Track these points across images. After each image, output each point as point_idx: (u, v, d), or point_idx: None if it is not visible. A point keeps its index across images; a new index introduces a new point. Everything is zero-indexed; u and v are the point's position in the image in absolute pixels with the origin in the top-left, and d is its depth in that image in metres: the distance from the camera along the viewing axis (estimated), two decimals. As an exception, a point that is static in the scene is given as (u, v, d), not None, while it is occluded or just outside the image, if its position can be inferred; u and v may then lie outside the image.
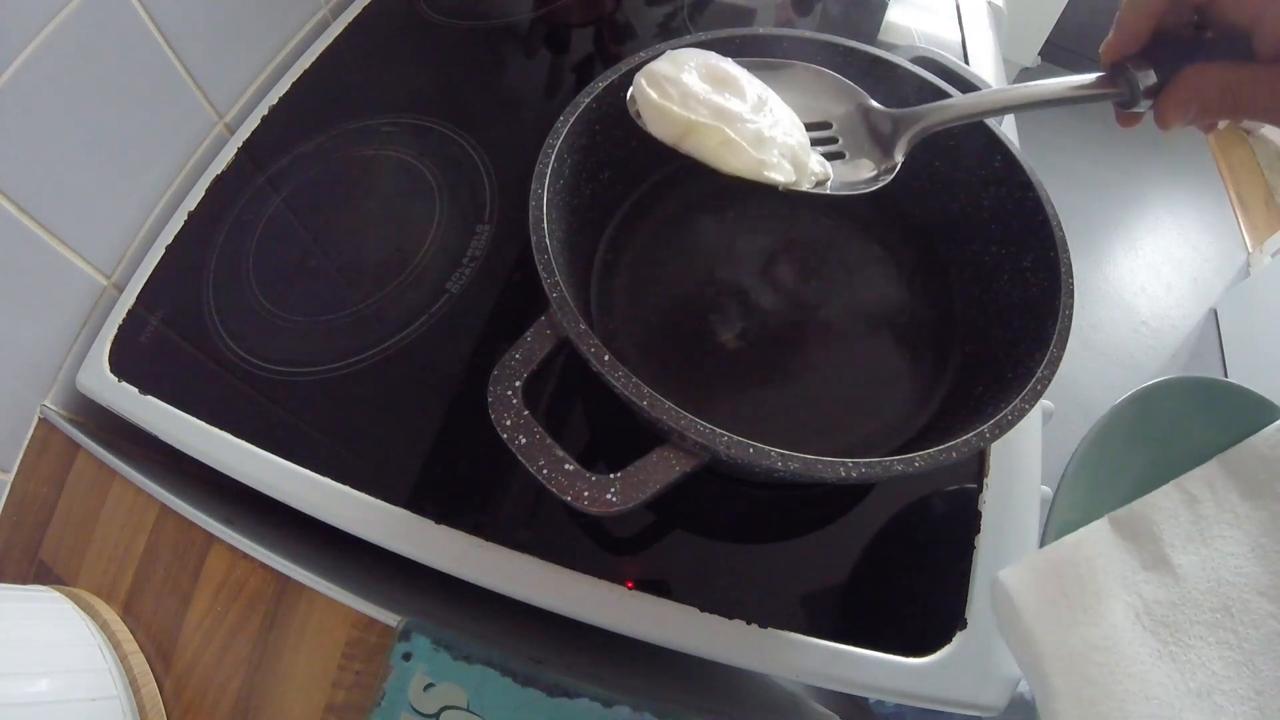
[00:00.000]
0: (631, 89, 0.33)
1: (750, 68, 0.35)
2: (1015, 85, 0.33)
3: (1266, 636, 0.31)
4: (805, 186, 0.33)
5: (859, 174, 0.35)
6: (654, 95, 0.32)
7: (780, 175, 0.32)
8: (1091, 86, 0.31)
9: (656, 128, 0.32)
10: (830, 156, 0.35)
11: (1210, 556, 0.33)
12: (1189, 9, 0.28)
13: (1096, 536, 0.35)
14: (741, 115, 0.32)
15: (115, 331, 0.45)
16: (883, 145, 0.35)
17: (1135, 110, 0.30)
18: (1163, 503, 0.35)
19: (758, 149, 0.31)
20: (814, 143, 0.34)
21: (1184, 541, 0.34)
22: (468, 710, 0.31)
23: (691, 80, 0.32)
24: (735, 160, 0.31)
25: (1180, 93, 0.28)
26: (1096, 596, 0.33)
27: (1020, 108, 0.33)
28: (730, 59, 0.34)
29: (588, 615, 0.35)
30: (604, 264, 0.42)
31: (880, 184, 0.34)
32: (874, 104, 0.36)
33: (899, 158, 0.34)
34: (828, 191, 0.34)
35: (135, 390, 0.42)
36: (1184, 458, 0.36)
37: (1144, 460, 0.37)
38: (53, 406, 0.44)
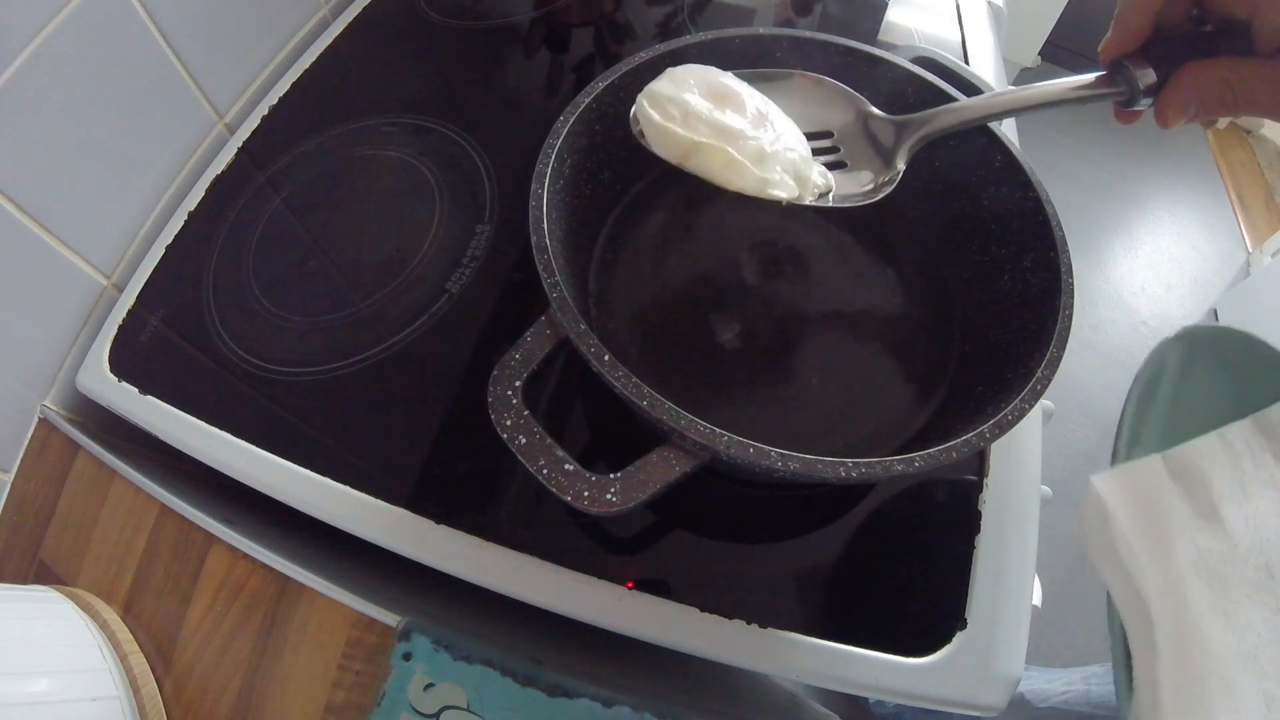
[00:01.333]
0: (634, 109, 0.34)
1: (750, 79, 0.35)
2: (1015, 88, 0.33)
3: None
4: (808, 200, 0.33)
5: (860, 184, 0.35)
6: (656, 117, 0.32)
7: (783, 192, 0.32)
8: (1092, 86, 0.31)
9: (661, 148, 0.33)
10: (832, 166, 0.35)
11: (1253, 513, 0.33)
12: (1187, 3, 0.28)
13: (1154, 474, 0.34)
14: (743, 132, 0.32)
15: (115, 331, 0.45)
16: (884, 153, 0.35)
17: (1135, 109, 0.30)
18: (1208, 449, 0.34)
19: (760, 167, 0.32)
20: (815, 152, 0.35)
21: (1230, 492, 0.33)
22: (468, 710, 0.31)
23: (693, 99, 0.33)
24: (739, 180, 0.32)
25: (1180, 90, 0.28)
26: (1159, 533, 0.32)
27: (1021, 111, 0.33)
28: (730, 73, 0.34)
29: (588, 615, 0.35)
30: (604, 264, 0.42)
31: (881, 194, 0.34)
32: (875, 111, 0.36)
33: (900, 166, 0.34)
34: (830, 204, 0.34)
35: (135, 390, 0.42)
36: (1220, 409, 0.35)
37: (1189, 406, 0.36)
38: (53, 406, 0.44)
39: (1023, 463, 0.40)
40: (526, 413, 0.28)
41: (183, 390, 0.42)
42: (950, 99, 0.39)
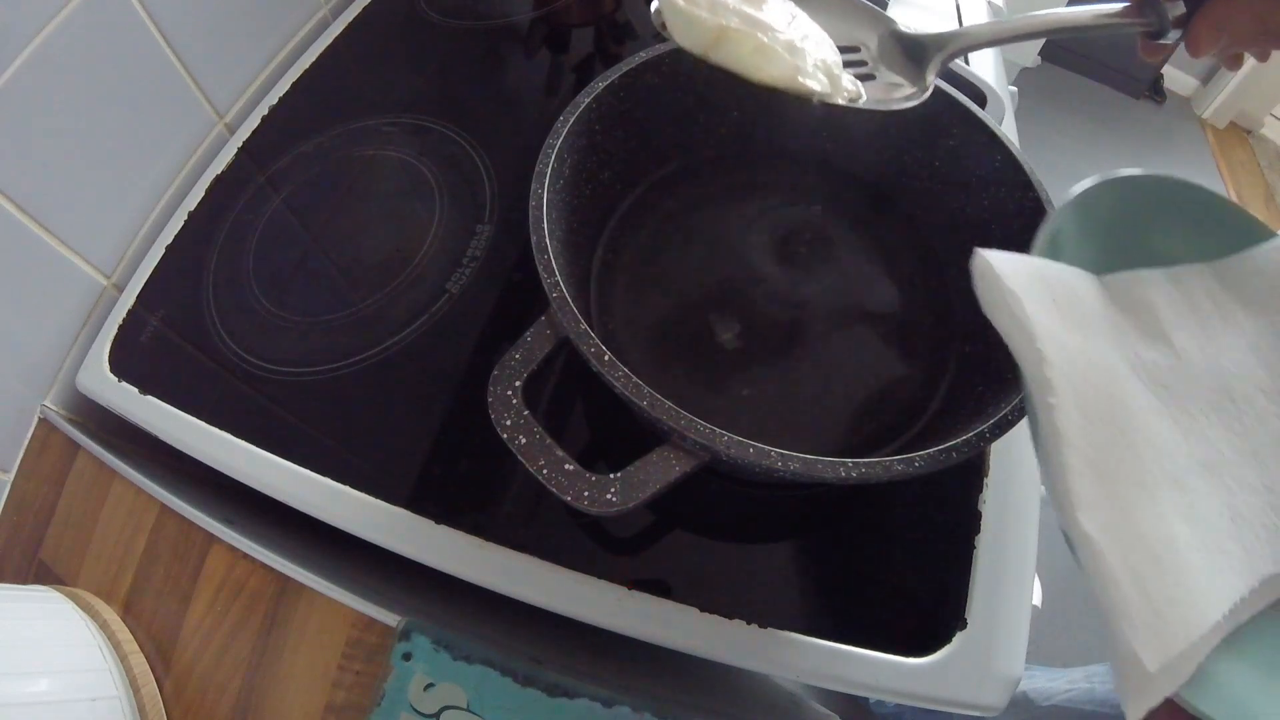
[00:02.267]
0: (654, 2, 0.32)
1: None
2: (1044, 11, 0.32)
3: (1274, 438, 0.30)
4: (840, 100, 0.32)
5: (892, 94, 0.34)
6: (681, 2, 0.31)
7: (816, 84, 0.31)
8: (1120, 15, 0.30)
9: (684, 37, 0.31)
10: (861, 79, 0.34)
11: (1209, 343, 0.32)
12: None
13: (1088, 283, 0.31)
14: (773, 25, 0.31)
15: (115, 331, 0.45)
16: (914, 68, 0.34)
17: (1163, 41, 0.30)
18: (1155, 280, 0.33)
19: (793, 56, 0.30)
20: (844, 65, 0.34)
21: (1180, 321, 0.32)
22: (468, 710, 0.31)
23: None
24: (770, 67, 0.30)
25: (1211, 19, 0.28)
26: (1092, 327, 0.29)
27: (1046, 33, 0.32)
28: None
29: (588, 615, 0.35)
30: (604, 264, 0.42)
31: (914, 103, 0.34)
32: (903, 28, 0.35)
33: (931, 80, 0.34)
34: (861, 106, 0.33)
35: (135, 390, 0.42)
36: (1161, 258, 0.34)
37: (1116, 253, 0.34)
38: (53, 406, 0.44)
39: (1023, 463, 0.40)
40: (526, 413, 0.28)
41: (183, 390, 0.42)
42: (950, 99, 0.39)
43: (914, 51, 0.35)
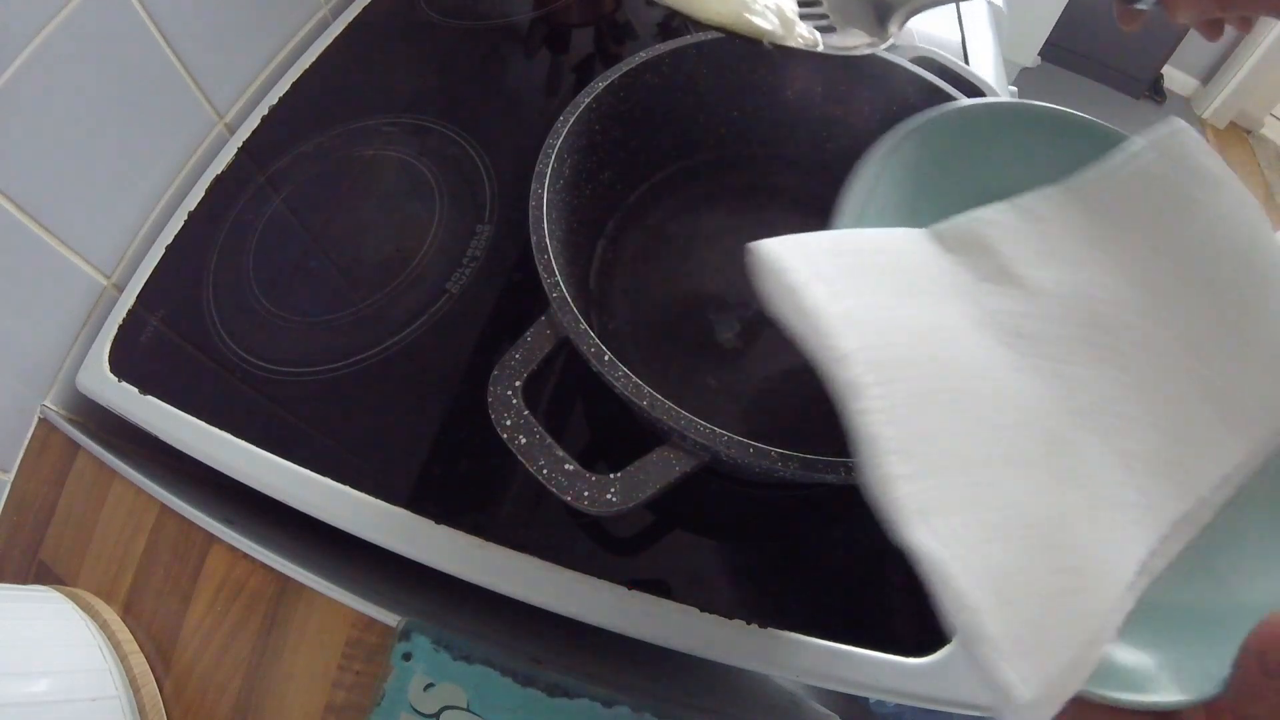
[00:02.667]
0: None
1: None
2: None
3: (1158, 361, 0.26)
4: (792, 43, 0.31)
5: (851, 41, 0.33)
6: None
7: (766, 23, 0.30)
8: None
9: None
10: (821, 31, 0.34)
11: (1066, 272, 0.28)
12: None
13: (908, 239, 0.28)
14: None
15: (115, 331, 0.45)
16: (877, 23, 0.34)
17: (1139, 7, 0.29)
18: (996, 218, 0.29)
19: None
20: (802, 17, 0.33)
21: (1031, 256, 0.28)
22: (468, 710, 0.31)
23: None
24: (716, 4, 0.29)
25: None
26: (914, 292, 0.26)
27: None
28: None
29: (588, 615, 0.35)
30: (604, 264, 0.42)
31: (874, 49, 0.33)
32: None
33: (894, 30, 0.33)
34: (819, 50, 0.32)
35: (135, 390, 0.42)
36: (1002, 188, 0.30)
37: (947, 191, 0.31)
38: (53, 406, 0.44)
39: (1023, 463, 0.40)
40: (526, 413, 0.28)
41: (183, 390, 0.42)
42: (951, 99, 0.39)
43: (879, 8, 0.34)
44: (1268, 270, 0.28)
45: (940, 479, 0.21)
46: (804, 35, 0.31)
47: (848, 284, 0.24)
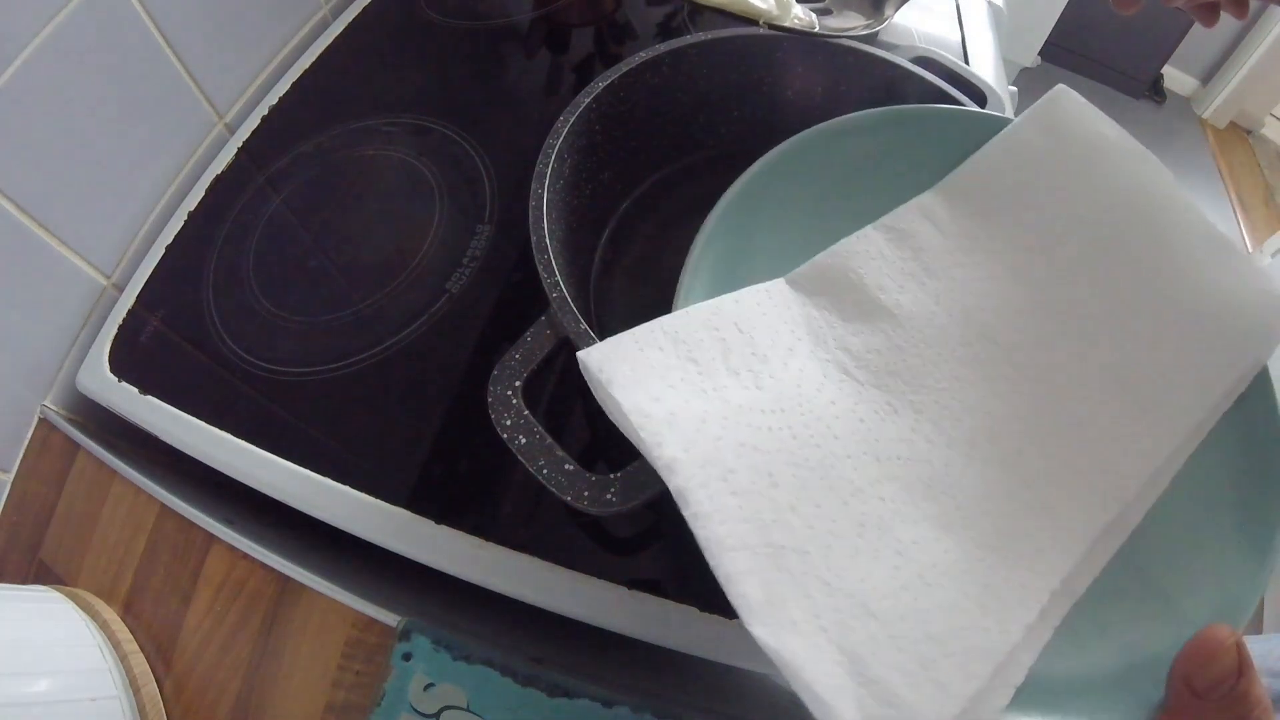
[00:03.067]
0: None
1: None
2: None
3: (1059, 363, 0.24)
4: (788, 22, 0.30)
5: (848, 23, 0.33)
6: None
7: (762, 3, 0.30)
8: None
9: None
10: (818, 13, 0.34)
11: (945, 290, 0.26)
12: None
13: (755, 298, 0.25)
14: None
15: (115, 331, 0.45)
16: (872, 2, 0.34)
17: None
18: (859, 246, 0.27)
19: None
20: (799, 0, 0.33)
21: (903, 281, 0.26)
22: (468, 710, 0.31)
23: None
24: None
25: None
26: (757, 362, 0.24)
27: None
28: None
29: (588, 615, 0.35)
30: (604, 264, 0.42)
31: (872, 30, 0.33)
32: None
33: (890, 13, 0.33)
34: (816, 32, 0.32)
35: (135, 390, 0.42)
36: (865, 210, 0.28)
37: (806, 223, 0.28)
38: (53, 406, 0.44)
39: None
40: (526, 413, 0.28)
41: (183, 390, 0.42)
42: (952, 99, 0.39)
43: None
44: (1170, 233, 0.26)
45: (781, 570, 0.20)
46: (800, 17, 0.31)
47: (676, 379, 0.23)
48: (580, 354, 0.23)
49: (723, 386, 0.23)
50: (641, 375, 0.22)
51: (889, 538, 0.21)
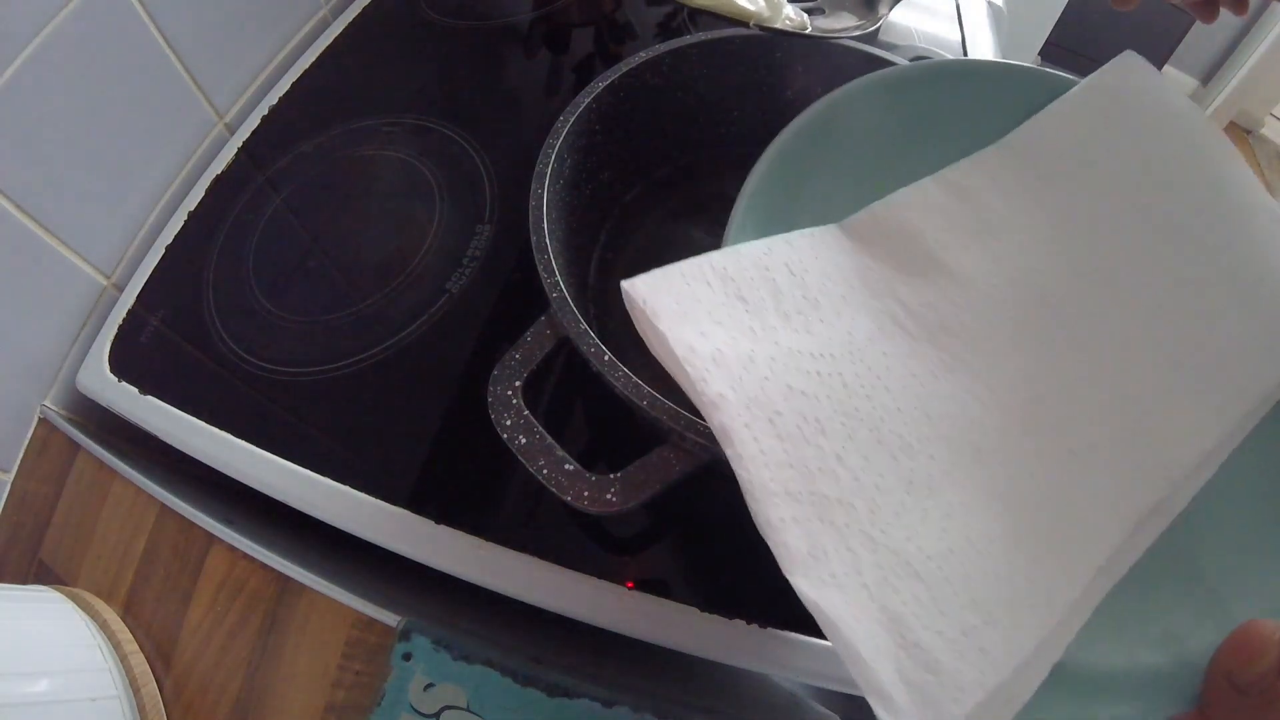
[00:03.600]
0: None
1: None
2: None
3: (1117, 336, 0.23)
4: (779, 25, 0.30)
5: (841, 23, 0.32)
6: None
7: (750, 4, 0.29)
8: None
9: None
10: (809, 14, 0.33)
11: (1005, 251, 0.25)
12: None
13: (808, 241, 0.24)
14: None
15: (115, 331, 0.45)
16: (864, 2, 0.33)
17: None
18: (918, 198, 0.26)
19: None
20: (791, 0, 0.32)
21: (962, 238, 0.25)
22: (468, 710, 0.30)
23: None
24: None
25: None
26: (809, 307, 0.23)
27: None
28: None
29: (588, 615, 0.35)
30: (604, 264, 0.42)
31: (865, 31, 0.32)
32: None
33: (884, 12, 0.33)
34: (808, 33, 0.31)
35: (135, 390, 0.42)
36: (928, 162, 0.27)
37: (864, 174, 0.27)
38: (53, 406, 0.44)
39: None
40: (526, 413, 0.28)
41: (183, 390, 0.42)
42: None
43: None
44: (1239, 212, 0.25)
45: (825, 522, 0.19)
46: (791, 18, 0.31)
47: (724, 317, 0.22)
48: (624, 283, 0.22)
49: (772, 328, 0.22)
50: (688, 309, 0.22)
51: (938, 498, 0.21)
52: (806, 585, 0.19)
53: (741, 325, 0.22)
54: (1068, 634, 0.20)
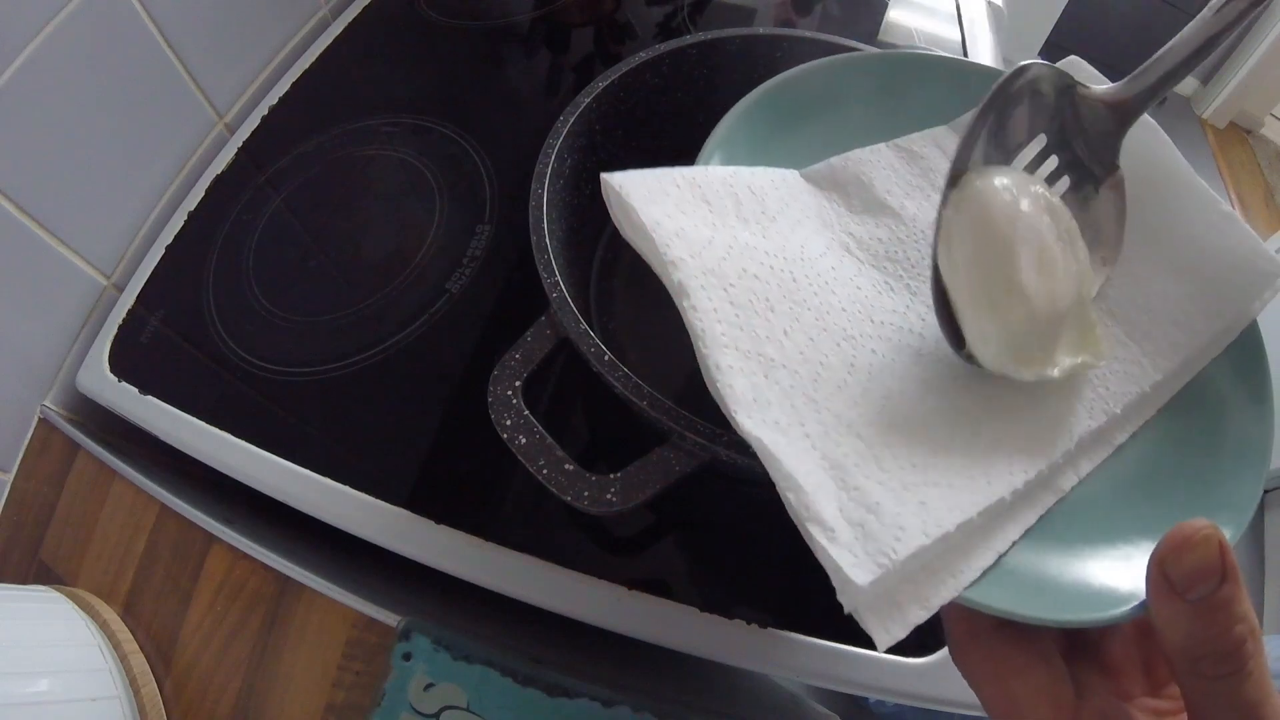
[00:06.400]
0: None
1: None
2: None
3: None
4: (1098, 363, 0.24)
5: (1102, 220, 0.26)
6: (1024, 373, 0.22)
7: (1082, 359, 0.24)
8: None
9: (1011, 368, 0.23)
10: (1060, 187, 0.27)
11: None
12: None
13: (772, 177, 0.28)
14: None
15: (115, 331, 0.45)
16: (1096, 149, 0.26)
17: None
18: (871, 156, 0.29)
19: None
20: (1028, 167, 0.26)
21: (906, 189, 0.28)
22: (468, 710, 0.31)
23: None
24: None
25: None
26: (766, 218, 0.26)
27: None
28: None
29: (588, 615, 0.35)
30: (604, 264, 0.42)
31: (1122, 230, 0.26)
32: (1088, 88, 0.26)
33: (1119, 162, 0.26)
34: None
35: (135, 390, 0.42)
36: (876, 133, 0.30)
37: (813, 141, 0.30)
38: (53, 406, 0.44)
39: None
40: (526, 413, 0.28)
41: (183, 390, 0.42)
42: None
43: (1096, 122, 0.26)
44: (1165, 187, 0.27)
45: (770, 380, 0.21)
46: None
47: (689, 209, 0.25)
48: (603, 175, 0.25)
49: (731, 227, 0.25)
50: (657, 198, 0.24)
51: (878, 382, 0.22)
52: (749, 424, 0.20)
53: (704, 219, 0.25)
54: (1016, 530, 0.20)
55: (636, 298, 0.41)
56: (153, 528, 0.38)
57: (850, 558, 0.18)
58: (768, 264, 0.24)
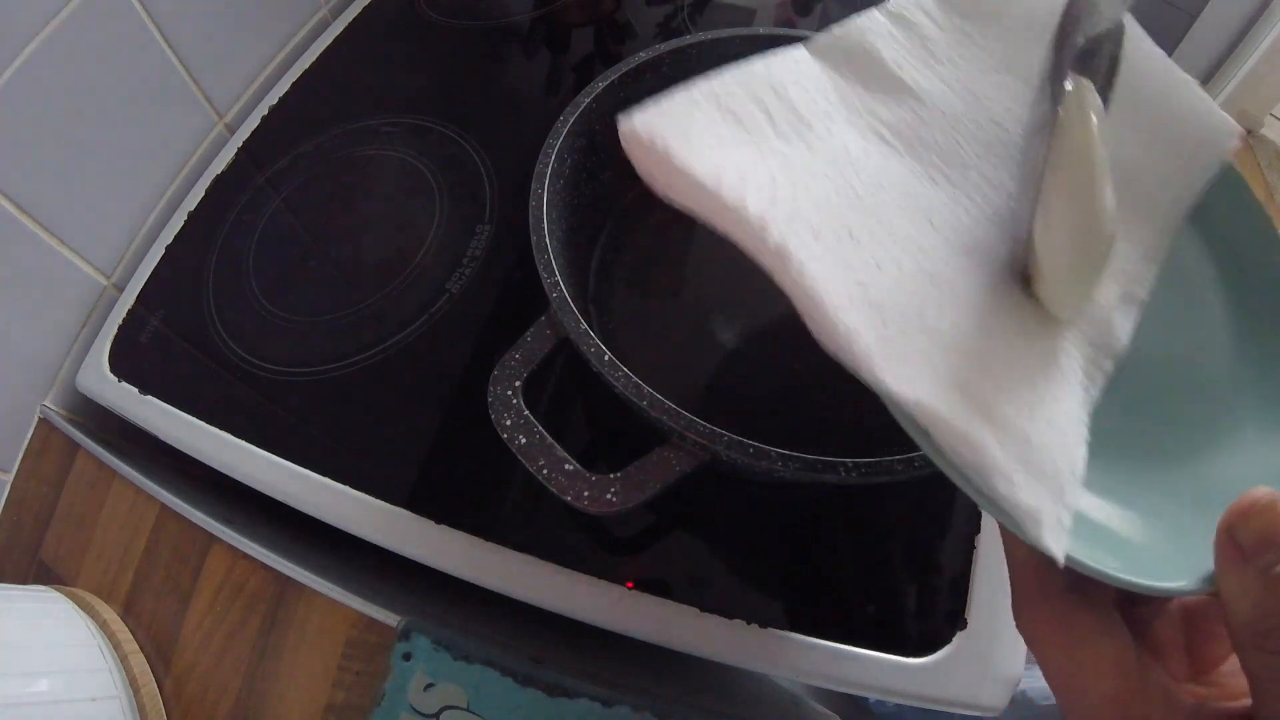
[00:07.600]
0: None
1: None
2: None
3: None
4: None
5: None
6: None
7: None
8: None
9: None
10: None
11: (952, 74, 0.27)
12: None
13: (786, 66, 0.26)
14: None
15: (115, 331, 0.45)
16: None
17: None
18: (869, 24, 0.28)
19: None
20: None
21: (912, 60, 0.27)
22: (468, 710, 0.31)
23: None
24: None
25: None
26: (803, 123, 0.25)
27: None
28: None
29: (588, 615, 0.35)
30: (604, 264, 0.42)
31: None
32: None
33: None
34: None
35: (135, 390, 0.42)
36: None
37: None
38: (53, 406, 0.44)
39: (1023, 463, 0.40)
40: (526, 413, 0.28)
41: (183, 390, 0.42)
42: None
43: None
44: (1133, 55, 0.26)
45: (889, 323, 0.20)
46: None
47: (725, 133, 0.23)
48: (622, 124, 0.22)
49: (778, 151, 0.23)
50: (695, 139, 0.22)
51: (961, 299, 0.21)
52: (907, 390, 0.19)
53: (745, 143, 0.23)
54: (1083, 412, 0.20)
55: (636, 298, 0.41)
56: (153, 528, 0.38)
57: (1033, 502, 0.17)
58: (830, 185, 0.22)
